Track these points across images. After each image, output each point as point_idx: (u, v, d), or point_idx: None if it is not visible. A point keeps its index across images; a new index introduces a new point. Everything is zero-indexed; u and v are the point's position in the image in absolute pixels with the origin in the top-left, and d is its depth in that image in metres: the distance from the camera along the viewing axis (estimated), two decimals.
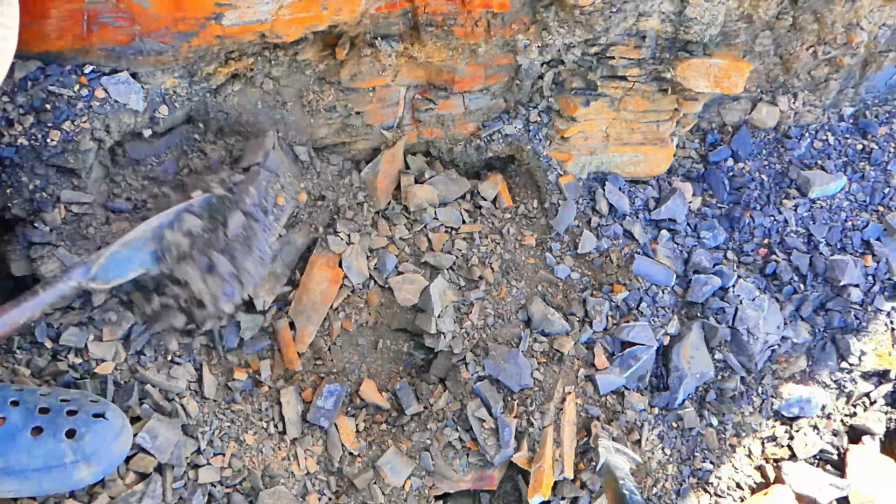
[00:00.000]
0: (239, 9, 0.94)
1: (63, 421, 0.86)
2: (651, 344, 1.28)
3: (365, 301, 1.23)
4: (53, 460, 0.84)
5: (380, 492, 1.13)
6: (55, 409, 0.87)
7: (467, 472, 1.16)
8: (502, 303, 1.27)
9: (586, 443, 1.21)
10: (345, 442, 1.15)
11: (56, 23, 0.86)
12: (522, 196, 1.39)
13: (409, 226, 1.29)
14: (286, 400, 1.14)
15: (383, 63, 1.16)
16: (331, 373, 1.20)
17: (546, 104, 1.34)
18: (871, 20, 1.42)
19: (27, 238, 0.96)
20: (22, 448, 0.84)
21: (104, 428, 0.87)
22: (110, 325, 1.01)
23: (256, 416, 1.11)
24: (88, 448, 0.86)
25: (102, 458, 0.87)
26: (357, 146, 1.29)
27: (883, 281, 1.47)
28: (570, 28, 1.18)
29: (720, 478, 1.31)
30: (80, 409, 0.88)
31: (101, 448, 0.86)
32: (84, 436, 0.86)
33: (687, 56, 1.25)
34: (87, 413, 0.88)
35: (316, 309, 1.17)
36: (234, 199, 1.00)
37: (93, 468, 0.86)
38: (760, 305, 1.37)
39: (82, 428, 0.86)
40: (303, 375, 1.19)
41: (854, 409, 1.42)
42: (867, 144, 1.60)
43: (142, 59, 0.95)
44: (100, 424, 0.87)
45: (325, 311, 1.18)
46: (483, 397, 1.17)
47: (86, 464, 0.85)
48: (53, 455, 0.84)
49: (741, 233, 1.47)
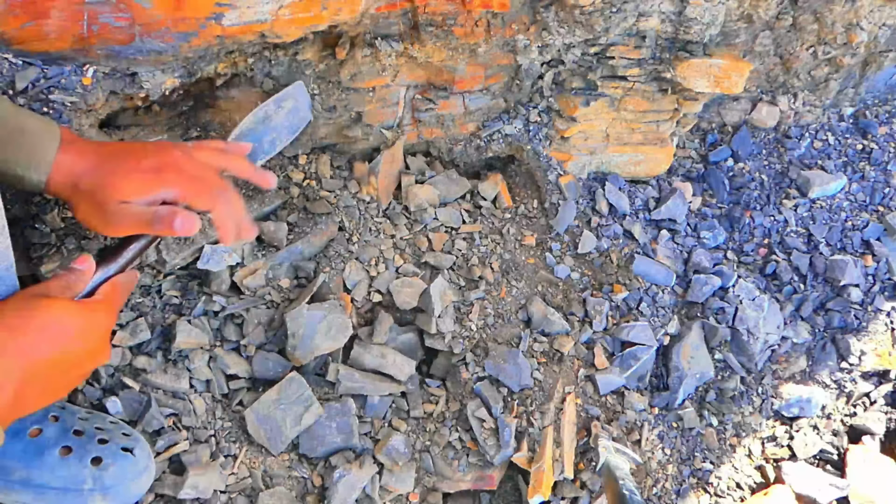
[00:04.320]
0: (239, 9, 0.94)
1: (93, 447, 0.88)
2: (651, 344, 1.28)
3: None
4: (73, 484, 0.86)
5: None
6: (88, 433, 0.89)
7: (467, 472, 1.16)
8: (502, 303, 1.27)
9: (586, 443, 1.21)
10: None
11: (56, 23, 0.86)
12: (522, 196, 1.39)
13: (410, 226, 1.29)
14: None
15: (383, 63, 1.16)
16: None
17: (546, 104, 1.34)
18: (871, 20, 1.42)
19: (27, 238, 0.96)
20: (46, 465, 0.85)
21: (129, 464, 0.89)
22: (124, 331, 1.02)
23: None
24: (109, 480, 0.87)
25: (120, 493, 0.88)
26: (357, 146, 1.29)
27: (883, 281, 1.47)
28: (570, 28, 1.19)
29: (720, 478, 1.31)
30: (110, 440, 0.90)
31: (121, 484, 0.88)
32: (108, 467, 0.87)
33: (687, 56, 1.25)
34: (117, 445, 0.89)
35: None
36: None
37: (108, 501, 0.87)
38: (760, 305, 1.37)
39: (108, 459, 0.88)
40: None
41: (854, 409, 1.42)
42: (867, 144, 1.60)
43: (142, 59, 0.95)
44: (126, 460, 0.89)
45: None
46: (483, 397, 1.17)
47: (102, 495, 0.87)
48: (74, 479, 0.86)
49: (741, 233, 1.47)
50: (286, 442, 1.07)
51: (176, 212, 0.79)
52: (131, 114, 1.07)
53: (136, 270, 0.90)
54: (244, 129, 1.01)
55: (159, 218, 0.79)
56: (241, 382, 1.10)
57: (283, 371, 1.10)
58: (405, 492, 1.12)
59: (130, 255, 0.84)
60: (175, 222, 0.78)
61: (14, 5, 0.82)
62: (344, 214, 1.22)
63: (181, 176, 0.83)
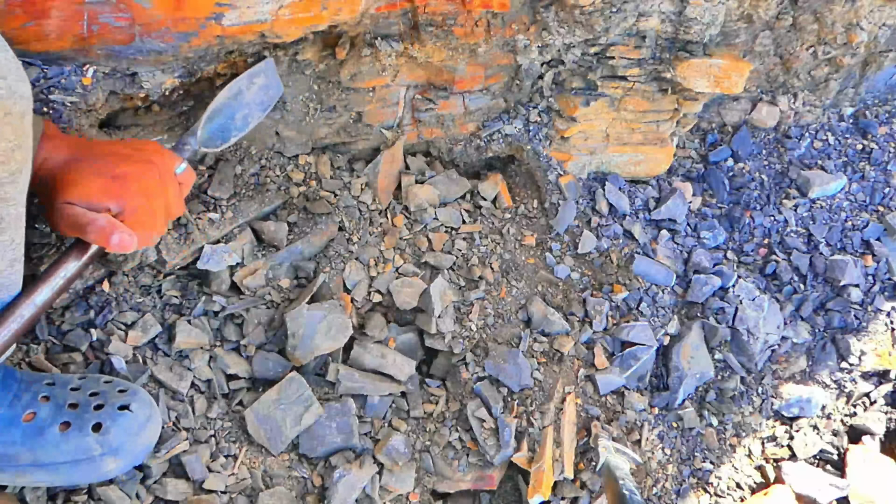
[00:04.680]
0: (239, 9, 0.94)
1: (90, 416, 0.88)
2: (651, 344, 1.28)
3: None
4: (81, 454, 0.86)
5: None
6: (83, 403, 0.89)
7: (467, 472, 1.16)
8: (502, 303, 1.27)
9: (586, 443, 1.21)
10: None
11: (56, 23, 0.86)
12: (522, 196, 1.39)
13: (410, 226, 1.29)
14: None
15: (383, 63, 1.16)
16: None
17: (546, 104, 1.34)
18: (871, 20, 1.42)
19: (27, 238, 0.96)
20: (50, 443, 0.86)
21: (128, 421, 0.89)
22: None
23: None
24: (115, 441, 0.87)
25: (130, 449, 0.89)
26: (357, 146, 1.29)
27: (883, 281, 1.47)
28: (570, 28, 1.19)
29: (720, 478, 1.31)
30: (106, 403, 0.90)
31: (128, 441, 0.88)
32: (110, 429, 0.87)
33: (687, 56, 1.25)
34: (113, 406, 0.89)
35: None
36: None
37: (119, 461, 0.88)
38: (760, 305, 1.37)
39: (107, 422, 0.88)
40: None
41: (854, 409, 1.42)
42: (867, 144, 1.60)
43: (142, 59, 0.94)
44: (124, 418, 0.89)
45: None
46: (483, 397, 1.18)
47: (112, 457, 0.88)
48: (81, 449, 0.86)
49: (741, 233, 1.47)
50: (286, 442, 1.07)
51: (116, 227, 0.76)
52: (131, 114, 1.06)
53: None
54: (218, 105, 1.01)
55: (97, 228, 0.76)
56: (241, 382, 1.10)
57: (283, 371, 1.10)
58: (405, 492, 1.12)
59: (59, 282, 0.80)
60: (113, 237, 0.76)
61: (14, 5, 0.82)
62: (344, 214, 1.22)
63: (137, 195, 0.80)
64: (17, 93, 0.60)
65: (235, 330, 1.11)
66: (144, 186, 0.82)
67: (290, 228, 1.19)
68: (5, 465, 0.85)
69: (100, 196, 0.78)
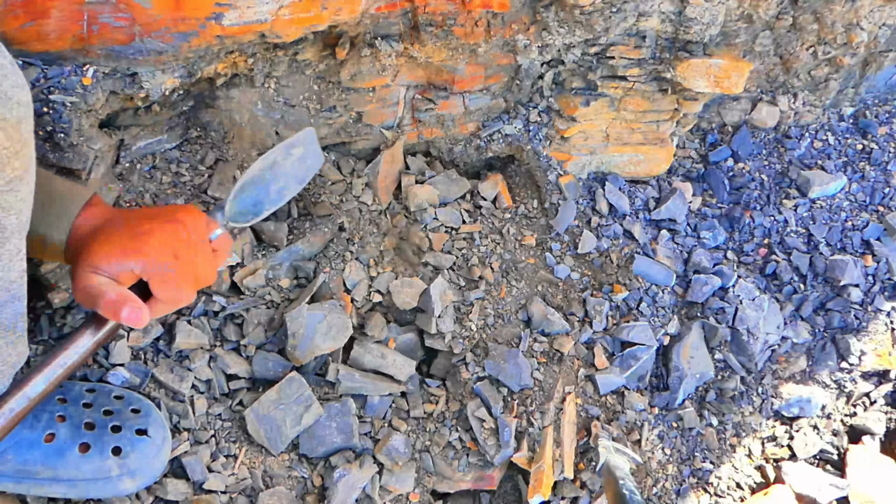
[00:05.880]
0: (239, 9, 0.94)
1: (109, 439, 0.92)
2: (651, 344, 1.28)
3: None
4: (100, 474, 0.90)
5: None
6: (100, 424, 0.93)
7: (467, 472, 1.16)
8: (502, 303, 1.27)
9: (586, 443, 1.21)
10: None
11: (56, 23, 0.86)
12: (522, 196, 1.39)
13: (410, 225, 1.29)
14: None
15: (383, 63, 1.16)
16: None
17: (546, 104, 1.34)
18: (871, 20, 1.42)
19: None
20: (70, 463, 0.89)
21: (147, 446, 0.93)
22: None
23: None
24: (133, 465, 0.92)
25: (146, 472, 0.93)
26: (357, 146, 1.29)
27: (883, 281, 1.47)
28: (570, 28, 1.19)
29: (720, 478, 1.31)
30: (123, 426, 0.93)
31: (145, 464, 0.93)
32: (129, 454, 0.92)
33: (687, 56, 1.25)
34: (131, 430, 0.93)
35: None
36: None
37: (137, 481, 0.93)
38: (760, 305, 1.37)
39: (127, 447, 0.92)
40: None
41: (854, 409, 1.42)
42: (867, 144, 1.60)
43: (142, 59, 0.95)
44: (143, 443, 0.93)
45: None
46: (483, 397, 1.18)
47: (130, 478, 0.92)
48: (100, 470, 0.90)
49: (741, 233, 1.47)
50: (286, 442, 1.07)
51: (127, 299, 0.72)
52: (131, 114, 1.07)
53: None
54: (251, 177, 0.91)
55: (107, 300, 0.71)
56: (241, 382, 1.10)
57: (283, 371, 1.10)
58: (405, 492, 1.12)
59: (73, 358, 0.75)
60: (123, 311, 0.71)
61: (14, 5, 0.82)
62: (344, 214, 1.22)
63: (160, 252, 0.75)
64: (12, 98, 0.59)
65: (235, 330, 1.11)
66: (168, 244, 0.76)
67: (290, 228, 1.19)
68: (23, 478, 0.88)
69: (119, 256, 0.73)
